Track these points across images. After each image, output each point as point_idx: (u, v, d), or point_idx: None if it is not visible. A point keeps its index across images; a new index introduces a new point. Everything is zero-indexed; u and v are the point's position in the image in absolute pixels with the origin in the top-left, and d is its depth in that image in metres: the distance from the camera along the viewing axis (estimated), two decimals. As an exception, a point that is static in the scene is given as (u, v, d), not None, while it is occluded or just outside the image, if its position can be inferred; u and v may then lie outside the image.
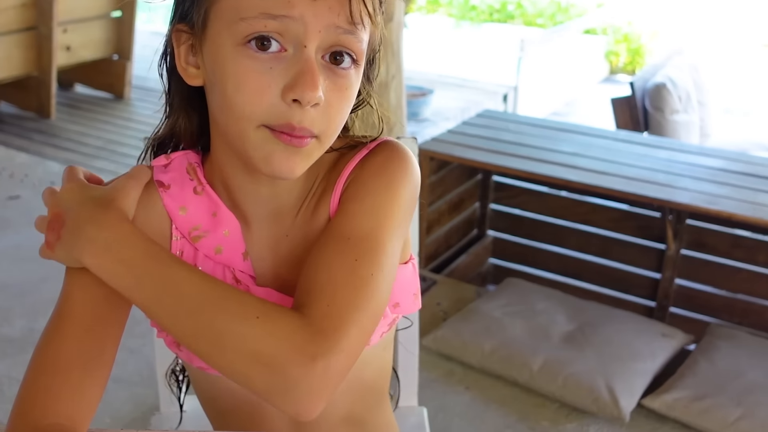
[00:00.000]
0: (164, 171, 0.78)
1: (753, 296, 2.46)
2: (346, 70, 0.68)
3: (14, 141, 4.21)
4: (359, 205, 0.72)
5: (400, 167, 0.75)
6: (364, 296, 0.66)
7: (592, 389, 1.96)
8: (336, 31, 0.65)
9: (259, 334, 0.62)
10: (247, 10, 0.64)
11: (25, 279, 2.67)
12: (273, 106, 0.65)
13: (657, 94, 3.45)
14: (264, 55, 0.65)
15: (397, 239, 0.73)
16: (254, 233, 0.77)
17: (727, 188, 2.25)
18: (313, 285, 0.67)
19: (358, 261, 0.68)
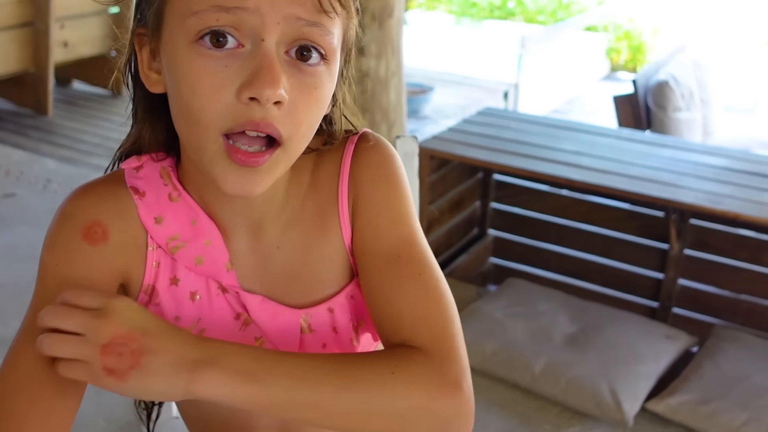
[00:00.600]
0: (137, 175, 0.73)
1: (757, 297, 2.44)
2: (314, 67, 0.63)
3: (10, 138, 4.18)
4: (384, 219, 0.73)
5: (394, 163, 0.75)
6: (445, 304, 0.69)
7: (594, 392, 1.94)
8: (297, 23, 0.60)
9: (405, 388, 0.62)
10: (199, 3, 0.60)
11: (19, 278, 2.63)
12: (229, 107, 0.60)
13: (660, 92, 3.42)
14: (219, 52, 0.60)
15: (420, 228, 0.74)
16: (236, 243, 0.73)
17: (732, 187, 2.22)
18: (403, 320, 0.68)
19: (422, 275, 0.70)
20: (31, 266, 2.77)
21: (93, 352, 0.58)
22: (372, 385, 0.62)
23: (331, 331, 0.75)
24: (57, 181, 3.57)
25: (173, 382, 0.59)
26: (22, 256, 2.82)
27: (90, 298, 0.61)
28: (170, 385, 0.59)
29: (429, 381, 0.63)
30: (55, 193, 3.45)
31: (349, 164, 0.74)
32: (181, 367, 0.59)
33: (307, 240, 0.74)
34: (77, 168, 3.77)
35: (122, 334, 0.59)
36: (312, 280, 0.75)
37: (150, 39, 0.67)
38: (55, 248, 0.70)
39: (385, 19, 2.73)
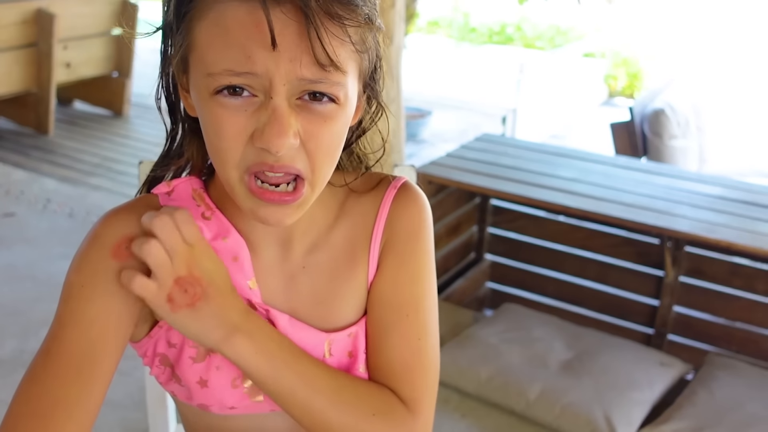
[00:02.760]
0: (169, 199, 0.77)
1: (752, 325, 2.44)
2: (325, 105, 0.66)
3: (11, 157, 4.21)
4: (404, 274, 0.79)
5: (427, 219, 0.81)
6: (432, 366, 0.80)
7: (589, 419, 1.94)
8: (302, 83, 0.64)
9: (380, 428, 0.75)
10: (213, 66, 0.64)
11: (17, 298, 2.66)
12: (247, 148, 0.65)
13: (656, 120, 3.46)
14: (236, 100, 0.65)
15: (434, 288, 0.81)
16: (264, 261, 0.77)
17: (726, 216, 2.23)
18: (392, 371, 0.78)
19: (420, 340, 0.78)
20: (30, 286, 2.80)
21: (169, 277, 0.68)
22: (357, 415, 0.74)
23: (346, 356, 0.79)
24: (57, 200, 3.59)
25: (210, 332, 0.69)
26: (20, 276, 2.84)
27: (191, 232, 0.69)
28: (207, 334, 0.69)
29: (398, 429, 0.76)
30: (55, 213, 3.47)
31: (387, 209, 0.79)
32: (222, 324, 0.69)
33: (334, 266, 0.79)
34: (77, 188, 3.79)
35: (195, 276, 0.69)
36: (336, 306, 0.79)
37: (182, 76, 0.71)
38: (83, 270, 0.71)
39: (385, 46, 2.78)
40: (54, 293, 0.73)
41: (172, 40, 0.69)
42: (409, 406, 0.77)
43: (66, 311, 0.70)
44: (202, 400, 0.77)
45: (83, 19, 4.65)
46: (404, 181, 0.81)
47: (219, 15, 0.63)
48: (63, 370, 0.68)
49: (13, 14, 4.28)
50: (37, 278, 2.80)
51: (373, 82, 0.73)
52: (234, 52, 0.62)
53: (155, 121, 5.00)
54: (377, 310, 0.79)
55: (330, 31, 0.62)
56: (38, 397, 0.67)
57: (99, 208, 3.48)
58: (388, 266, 0.79)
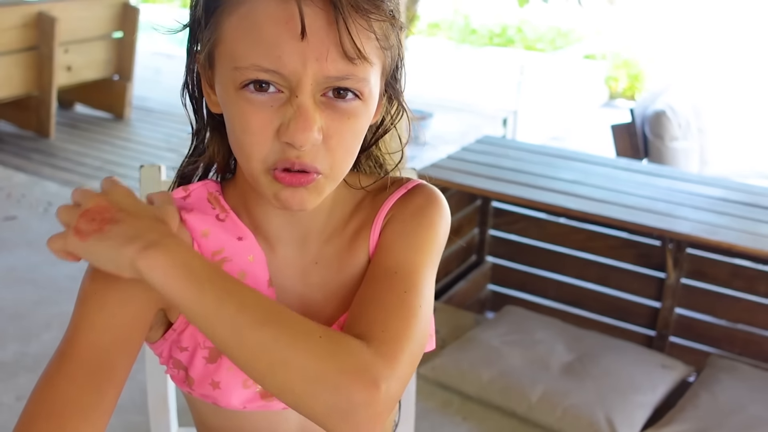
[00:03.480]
0: (184, 203, 0.78)
1: (753, 326, 2.45)
2: (349, 102, 0.67)
3: (12, 160, 4.22)
4: (403, 242, 0.75)
5: (438, 211, 0.79)
6: (415, 325, 0.68)
7: (591, 422, 1.95)
8: (328, 80, 0.65)
9: (323, 353, 0.62)
10: (240, 60, 0.65)
11: (18, 302, 2.66)
12: (273, 144, 0.66)
13: (657, 122, 3.46)
14: (262, 96, 0.66)
15: (434, 275, 0.76)
16: (279, 259, 0.78)
17: (728, 218, 2.24)
18: (367, 315, 0.69)
19: (407, 293, 0.71)
20: (31, 290, 2.80)
21: (74, 215, 0.64)
22: (296, 335, 0.62)
23: None
24: (58, 204, 3.59)
25: (122, 251, 0.62)
26: (21, 279, 2.85)
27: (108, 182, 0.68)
28: (118, 254, 0.62)
29: (351, 363, 0.62)
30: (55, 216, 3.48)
31: (395, 198, 0.79)
32: (134, 241, 0.62)
33: (340, 257, 0.79)
34: (78, 191, 3.81)
35: (102, 206, 0.64)
36: (344, 296, 0.78)
37: (208, 71, 0.71)
38: (96, 277, 0.71)
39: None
40: (55, 297, 0.73)
41: (200, 36, 0.70)
42: (372, 345, 0.64)
43: (80, 317, 0.70)
44: (215, 399, 0.78)
45: (84, 23, 4.66)
46: (419, 183, 0.81)
47: (250, 9, 0.64)
48: (78, 373, 0.68)
49: (15, 17, 4.29)
50: (39, 282, 2.80)
51: (395, 81, 0.74)
52: (263, 48, 0.64)
53: (156, 124, 5.01)
54: (365, 276, 0.76)
55: (357, 24, 0.64)
56: (53, 399, 0.67)
57: (100, 211, 3.49)
58: (385, 238, 0.77)
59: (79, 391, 0.67)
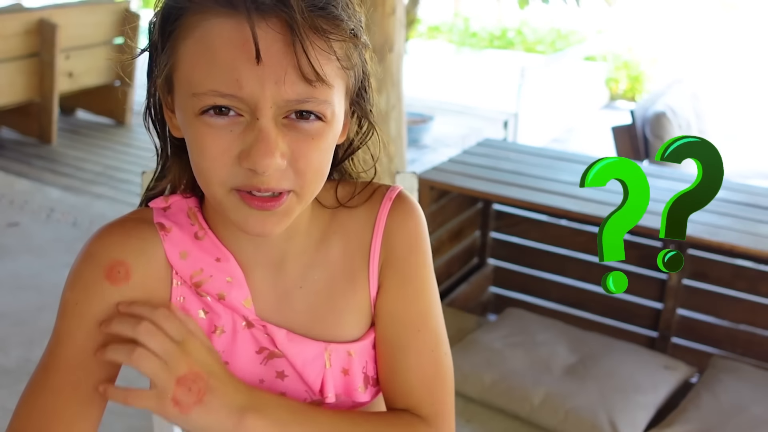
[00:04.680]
0: (164, 214, 0.77)
1: (756, 327, 2.44)
2: (312, 123, 0.65)
3: (14, 167, 4.24)
4: (410, 289, 0.79)
5: (423, 233, 0.81)
6: (449, 379, 0.80)
7: (594, 424, 1.95)
8: (288, 104, 0.63)
9: None
10: (198, 86, 0.63)
11: (21, 308, 2.67)
12: (233, 169, 0.64)
13: (657, 123, 3.47)
14: (222, 120, 0.64)
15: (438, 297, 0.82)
16: (258, 281, 0.76)
17: (729, 219, 2.24)
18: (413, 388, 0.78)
19: (434, 351, 0.79)
20: (34, 296, 2.81)
21: (170, 381, 0.66)
22: None
23: (340, 372, 0.78)
24: (60, 210, 3.60)
25: (225, 422, 0.68)
26: (24, 285, 2.86)
27: (176, 328, 0.69)
28: (222, 425, 0.68)
29: None
30: (59, 222, 3.49)
31: (383, 224, 0.79)
32: (234, 410, 0.68)
33: (332, 285, 0.78)
34: (80, 197, 3.81)
35: (195, 372, 0.67)
36: (335, 322, 0.79)
37: (167, 96, 0.70)
38: (76, 287, 0.72)
39: (385, 53, 2.80)
40: (58, 303, 0.74)
41: (157, 60, 0.68)
42: (431, 421, 0.77)
43: (62, 327, 0.71)
44: None
45: (85, 29, 4.68)
46: (398, 192, 0.81)
47: (204, 33, 0.62)
48: (61, 385, 0.69)
49: (16, 24, 4.31)
50: (42, 288, 2.81)
51: (361, 100, 0.72)
52: (220, 73, 0.62)
53: (157, 129, 5.03)
54: (388, 329, 0.79)
55: (316, 45, 0.62)
56: (39, 412, 0.68)
57: (102, 217, 3.50)
58: (391, 284, 0.79)
59: (63, 403, 0.68)
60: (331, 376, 0.78)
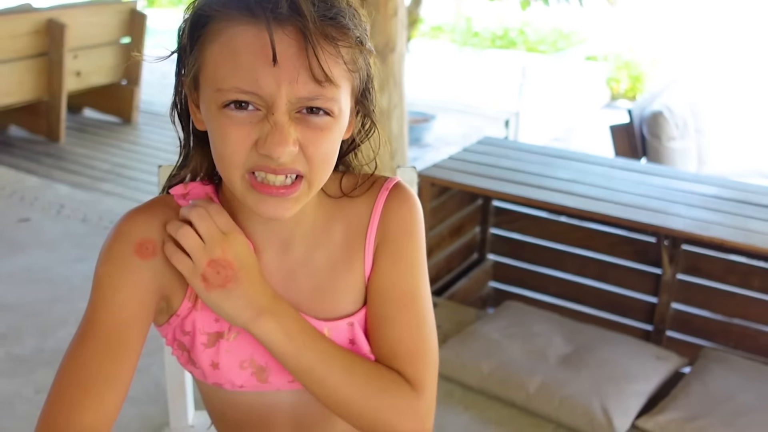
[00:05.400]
0: (183, 200, 0.85)
1: (748, 320, 2.49)
2: (321, 117, 0.74)
3: (24, 164, 4.29)
4: (400, 267, 0.86)
5: (418, 217, 0.88)
6: (433, 350, 0.86)
7: (587, 410, 2.01)
8: (300, 101, 0.72)
9: (387, 406, 0.82)
10: (222, 83, 0.72)
11: (35, 300, 2.73)
12: (250, 153, 0.73)
13: (654, 122, 3.52)
14: (241, 113, 0.73)
15: (427, 277, 0.89)
16: (266, 259, 0.85)
17: (721, 215, 2.29)
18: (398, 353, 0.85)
19: (420, 325, 0.86)
20: (46, 289, 2.88)
21: (203, 259, 0.77)
22: (368, 392, 0.81)
23: (348, 343, 0.86)
24: (70, 206, 3.66)
25: (239, 312, 0.78)
26: (36, 278, 2.92)
27: (225, 222, 0.80)
28: (237, 313, 0.78)
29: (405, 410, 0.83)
30: (68, 218, 3.55)
31: (380, 210, 0.87)
32: (251, 306, 0.78)
33: (333, 263, 0.86)
34: (89, 193, 3.87)
35: (227, 260, 0.78)
36: (335, 298, 0.87)
37: (194, 92, 0.79)
38: (109, 262, 0.80)
39: (387, 54, 2.87)
40: (70, 295, 0.82)
41: (186, 61, 0.77)
42: (414, 386, 0.83)
43: (97, 298, 0.79)
44: (215, 379, 0.86)
45: (93, 29, 4.73)
46: (396, 182, 0.89)
47: (229, 38, 0.71)
48: (98, 348, 0.77)
49: (25, 25, 4.37)
50: (54, 281, 2.87)
51: (365, 100, 0.81)
52: (242, 73, 0.70)
53: (163, 127, 5.08)
54: (377, 303, 0.86)
55: (325, 50, 0.71)
56: (78, 371, 0.77)
57: (111, 213, 3.57)
58: (383, 262, 0.86)
59: (100, 363, 0.77)
60: None
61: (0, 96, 4.36)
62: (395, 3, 2.88)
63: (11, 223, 3.45)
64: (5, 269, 2.98)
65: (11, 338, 2.48)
